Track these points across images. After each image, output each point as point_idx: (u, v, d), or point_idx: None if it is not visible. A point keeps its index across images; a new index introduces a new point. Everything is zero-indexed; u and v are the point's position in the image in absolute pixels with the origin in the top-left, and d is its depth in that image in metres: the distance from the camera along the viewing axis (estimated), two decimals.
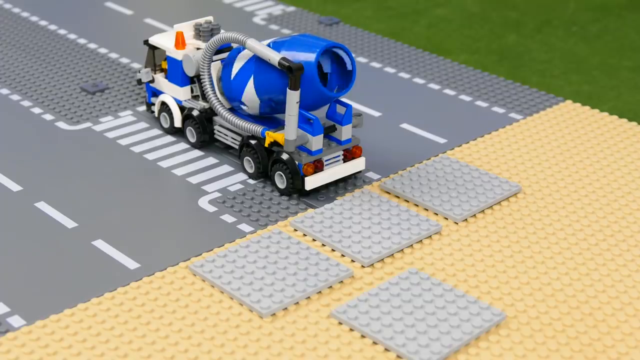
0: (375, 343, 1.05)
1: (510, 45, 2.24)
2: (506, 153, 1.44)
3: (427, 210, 1.29)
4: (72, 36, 1.85)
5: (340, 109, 1.39)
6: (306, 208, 1.30)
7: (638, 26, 2.36)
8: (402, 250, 1.21)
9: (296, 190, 1.31)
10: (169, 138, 1.49)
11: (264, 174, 1.36)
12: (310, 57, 1.24)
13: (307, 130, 1.29)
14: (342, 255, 1.20)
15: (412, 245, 1.22)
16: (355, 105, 1.59)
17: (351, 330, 1.07)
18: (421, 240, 1.23)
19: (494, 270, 1.17)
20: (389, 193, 1.33)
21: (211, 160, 1.42)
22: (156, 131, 1.51)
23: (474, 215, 1.28)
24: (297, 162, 1.30)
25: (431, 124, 1.54)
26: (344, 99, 1.59)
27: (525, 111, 1.58)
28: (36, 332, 1.05)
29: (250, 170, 1.36)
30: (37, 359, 1.02)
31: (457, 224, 1.27)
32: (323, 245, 1.21)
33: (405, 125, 1.54)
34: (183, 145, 1.46)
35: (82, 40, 1.83)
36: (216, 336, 1.05)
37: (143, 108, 1.57)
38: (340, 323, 1.08)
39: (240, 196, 1.33)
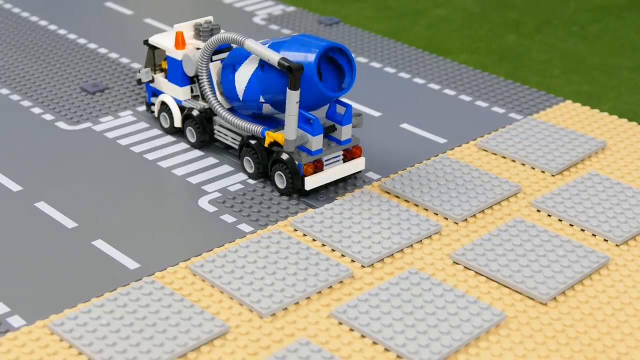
0: (375, 343, 1.05)
1: (510, 45, 2.25)
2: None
3: (427, 210, 1.29)
4: (72, 36, 1.85)
5: (340, 109, 1.39)
6: (306, 208, 1.30)
7: (638, 26, 2.36)
8: (402, 250, 1.21)
9: (296, 190, 1.31)
10: (169, 138, 1.49)
11: (264, 174, 1.36)
12: (310, 57, 1.24)
13: (307, 130, 1.29)
14: (342, 255, 1.20)
15: (412, 245, 1.22)
16: (355, 105, 1.59)
17: (351, 330, 1.07)
18: (421, 240, 1.23)
19: None
20: (389, 193, 1.33)
21: (211, 160, 1.42)
22: (156, 131, 1.51)
23: (474, 215, 1.28)
24: (297, 162, 1.30)
25: (431, 124, 1.54)
26: (344, 99, 1.59)
27: (525, 111, 1.58)
28: (36, 332, 1.05)
29: (250, 170, 1.36)
30: (37, 359, 1.02)
31: (457, 224, 1.27)
32: (323, 245, 1.21)
33: (405, 125, 1.54)
34: (183, 145, 1.46)
35: (82, 40, 1.83)
36: None
37: (143, 108, 1.57)
38: (340, 323, 1.08)
39: (240, 196, 1.33)
